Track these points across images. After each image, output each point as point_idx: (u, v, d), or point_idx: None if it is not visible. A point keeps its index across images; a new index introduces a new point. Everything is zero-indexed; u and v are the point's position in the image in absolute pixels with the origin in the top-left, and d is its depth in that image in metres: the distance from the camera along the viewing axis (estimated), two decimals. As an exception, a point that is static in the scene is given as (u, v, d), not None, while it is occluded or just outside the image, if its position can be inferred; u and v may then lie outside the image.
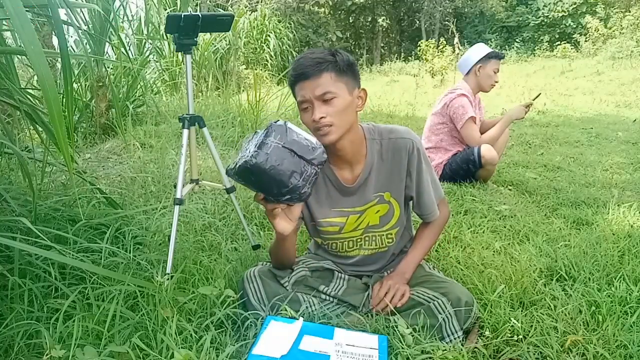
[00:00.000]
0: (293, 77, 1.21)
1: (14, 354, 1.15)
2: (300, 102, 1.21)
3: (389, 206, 1.37)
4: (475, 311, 1.25)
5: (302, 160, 1.10)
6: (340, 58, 1.19)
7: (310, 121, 1.20)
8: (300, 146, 1.10)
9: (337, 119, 1.19)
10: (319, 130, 1.20)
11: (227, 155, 3.26)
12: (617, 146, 3.91)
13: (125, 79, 4.33)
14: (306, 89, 1.18)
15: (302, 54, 1.22)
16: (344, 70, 1.20)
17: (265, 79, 7.98)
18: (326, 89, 1.17)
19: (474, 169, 2.67)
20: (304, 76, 1.18)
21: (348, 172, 1.34)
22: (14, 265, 1.32)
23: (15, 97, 1.52)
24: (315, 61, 1.17)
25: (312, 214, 1.38)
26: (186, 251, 1.66)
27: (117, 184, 2.60)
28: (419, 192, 1.37)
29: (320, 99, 1.18)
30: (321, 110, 1.18)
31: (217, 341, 1.20)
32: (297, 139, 1.10)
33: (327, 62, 1.17)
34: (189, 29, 1.52)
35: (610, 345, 1.19)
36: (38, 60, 0.91)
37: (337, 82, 1.18)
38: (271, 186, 1.09)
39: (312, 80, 1.17)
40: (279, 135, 1.08)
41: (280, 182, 1.08)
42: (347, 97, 1.20)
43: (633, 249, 1.71)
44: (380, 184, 1.34)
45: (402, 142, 1.31)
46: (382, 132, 1.33)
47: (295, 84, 1.21)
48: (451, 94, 2.76)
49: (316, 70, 1.17)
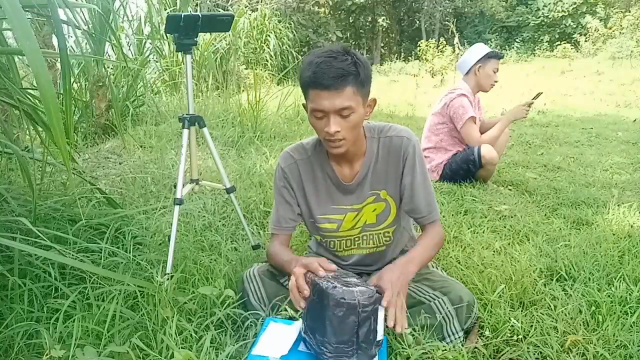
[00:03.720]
0: (311, 82, 1.14)
1: (14, 354, 1.15)
2: (314, 110, 1.17)
3: (385, 204, 1.37)
4: (476, 311, 1.25)
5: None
6: (362, 70, 1.15)
7: (322, 130, 1.18)
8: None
9: (349, 134, 1.19)
10: (330, 142, 1.19)
11: (227, 155, 3.26)
12: (617, 146, 3.91)
13: (125, 79, 4.33)
14: (325, 100, 1.13)
15: (321, 56, 1.14)
16: (364, 84, 1.17)
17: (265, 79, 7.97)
18: (346, 104, 1.13)
19: (474, 169, 2.67)
20: (324, 86, 1.12)
21: (347, 169, 1.34)
22: (14, 265, 1.32)
23: (15, 97, 1.51)
24: (339, 73, 1.11)
25: (311, 211, 1.38)
26: (186, 251, 1.66)
27: (116, 184, 2.60)
28: (413, 191, 1.32)
29: (339, 113, 1.15)
30: (337, 124, 1.15)
31: (217, 341, 1.20)
32: None
33: (350, 74, 1.12)
34: (189, 29, 1.52)
35: (610, 345, 1.19)
36: (35, 59, 0.91)
37: (357, 95, 1.15)
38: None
39: (332, 92, 1.12)
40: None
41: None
42: (362, 110, 1.19)
43: (633, 249, 1.71)
44: (377, 181, 1.34)
45: (399, 140, 1.31)
46: (381, 130, 1.34)
47: (310, 88, 1.15)
48: (451, 94, 2.76)
49: (339, 84, 1.12)
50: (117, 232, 1.69)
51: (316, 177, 1.36)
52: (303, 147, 1.38)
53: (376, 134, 1.33)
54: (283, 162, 1.37)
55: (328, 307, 1.00)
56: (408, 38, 19.19)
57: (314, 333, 1.05)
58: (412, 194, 1.33)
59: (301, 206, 1.40)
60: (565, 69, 10.37)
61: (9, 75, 1.67)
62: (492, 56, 2.73)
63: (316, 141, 1.37)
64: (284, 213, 1.39)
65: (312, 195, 1.36)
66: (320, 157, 1.36)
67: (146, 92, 4.80)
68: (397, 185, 1.35)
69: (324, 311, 1.01)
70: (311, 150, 1.37)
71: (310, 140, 1.39)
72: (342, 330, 1.00)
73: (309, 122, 1.23)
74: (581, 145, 4.01)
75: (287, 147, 1.40)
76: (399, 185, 1.34)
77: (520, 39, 17.19)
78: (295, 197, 1.38)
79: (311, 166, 1.36)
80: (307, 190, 1.37)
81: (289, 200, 1.38)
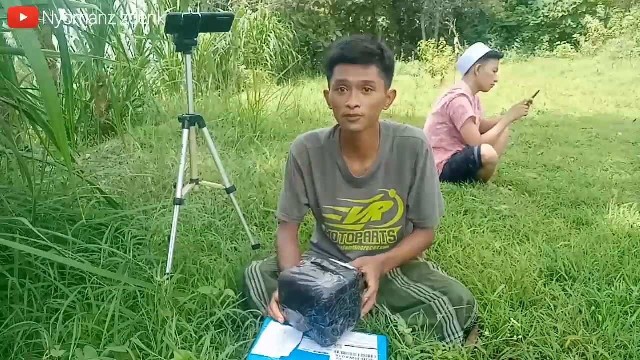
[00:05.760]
0: (339, 56, 1.20)
1: (14, 354, 1.15)
2: (339, 82, 1.21)
3: (394, 203, 1.37)
4: (476, 311, 1.25)
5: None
6: (387, 55, 1.21)
7: (343, 104, 1.20)
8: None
9: (369, 111, 1.21)
10: (349, 117, 1.21)
11: (227, 156, 3.26)
12: (617, 146, 3.91)
13: (125, 79, 4.33)
14: (350, 74, 1.18)
15: (350, 38, 1.22)
16: (387, 69, 1.22)
17: (265, 79, 7.96)
18: (371, 79, 1.18)
19: (474, 168, 2.67)
20: (352, 60, 1.18)
21: (358, 163, 1.35)
22: (14, 265, 1.32)
23: (14, 97, 1.52)
24: (367, 50, 1.17)
25: (318, 199, 1.40)
26: (186, 251, 1.66)
27: (117, 184, 2.60)
28: (419, 195, 1.36)
29: (362, 87, 1.19)
30: (359, 99, 1.19)
31: (217, 341, 1.20)
32: None
33: (376, 55, 1.18)
34: (189, 29, 1.52)
35: (610, 345, 1.19)
36: (37, 60, 0.91)
37: (380, 77, 1.21)
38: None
39: (359, 66, 1.18)
40: None
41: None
42: (383, 94, 1.23)
43: (633, 249, 1.71)
44: (388, 180, 1.35)
45: (413, 140, 1.33)
46: (396, 129, 1.35)
47: (337, 63, 1.21)
48: (451, 94, 2.76)
49: (366, 59, 1.18)
50: (117, 232, 1.69)
51: (326, 166, 1.38)
52: (317, 136, 1.40)
53: (391, 132, 1.35)
54: (294, 148, 1.39)
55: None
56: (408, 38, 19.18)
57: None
58: (419, 197, 1.36)
59: (309, 194, 1.41)
60: (565, 69, 10.36)
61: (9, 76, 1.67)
62: (492, 56, 2.73)
63: (330, 132, 1.38)
64: (290, 201, 1.42)
65: (320, 184, 1.38)
66: (333, 147, 1.37)
67: (146, 92, 4.80)
68: (407, 186, 1.36)
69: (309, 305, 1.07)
70: (325, 140, 1.38)
71: (325, 130, 1.41)
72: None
73: (329, 102, 1.27)
74: (581, 145, 4.01)
75: (302, 135, 1.42)
76: (409, 185, 1.35)
77: (520, 39, 17.17)
78: (304, 185, 1.40)
79: (322, 155, 1.37)
80: (316, 178, 1.38)
81: (297, 189, 1.41)
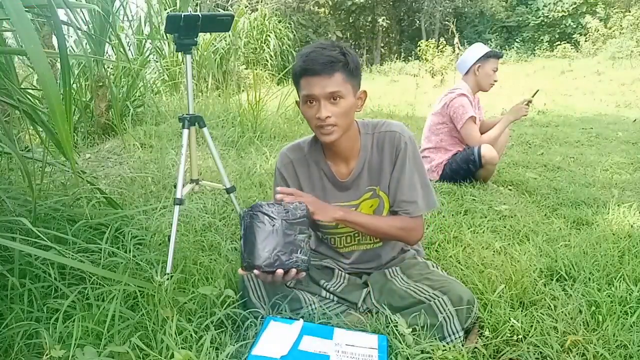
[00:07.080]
0: (301, 69, 1.19)
1: (14, 354, 1.15)
2: (305, 97, 1.21)
3: (379, 200, 1.38)
4: (476, 310, 1.25)
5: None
6: (351, 59, 1.19)
7: (314, 117, 1.21)
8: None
9: (341, 120, 1.20)
10: (322, 129, 1.21)
11: (227, 155, 3.26)
12: (617, 146, 3.91)
13: (125, 79, 4.33)
14: (315, 86, 1.18)
15: (312, 47, 1.20)
16: (353, 73, 1.21)
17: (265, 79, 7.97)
18: (336, 88, 1.17)
19: (474, 168, 2.67)
20: (314, 72, 1.17)
21: (344, 166, 1.36)
22: (14, 265, 1.32)
23: (14, 97, 1.51)
24: (328, 59, 1.16)
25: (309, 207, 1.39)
26: (186, 251, 1.66)
27: (117, 184, 2.60)
28: (397, 184, 1.32)
29: (329, 97, 1.18)
30: (327, 110, 1.18)
31: (217, 341, 1.20)
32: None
33: (339, 62, 1.17)
34: (189, 29, 1.52)
35: (610, 345, 1.19)
36: (39, 60, 0.91)
37: (346, 83, 1.19)
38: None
39: (322, 77, 1.17)
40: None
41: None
42: (352, 98, 1.22)
43: (633, 249, 1.71)
44: (373, 177, 1.35)
45: (391, 134, 1.32)
46: (375, 125, 1.35)
47: (302, 77, 1.20)
48: (451, 94, 2.76)
49: (328, 69, 1.16)
50: (117, 232, 1.69)
51: (312, 174, 1.37)
52: (299, 146, 1.39)
53: (370, 130, 1.34)
54: (279, 162, 1.39)
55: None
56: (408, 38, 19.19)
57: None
58: (398, 183, 1.32)
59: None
60: (565, 69, 10.37)
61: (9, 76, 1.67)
62: (492, 55, 2.73)
63: (312, 139, 1.38)
64: None
65: (309, 193, 1.36)
66: (316, 154, 1.36)
67: (146, 92, 4.80)
68: (387, 179, 1.35)
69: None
70: (307, 148, 1.38)
71: (307, 138, 1.40)
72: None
73: (303, 114, 1.26)
74: (581, 145, 4.01)
75: (285, 146, 1.41)
76: (389, 179, 1.35)
77: (520, 39, 17.18)
78: None
79: (307, 164, 1.37)
80: (304, 189, 1.37)
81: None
